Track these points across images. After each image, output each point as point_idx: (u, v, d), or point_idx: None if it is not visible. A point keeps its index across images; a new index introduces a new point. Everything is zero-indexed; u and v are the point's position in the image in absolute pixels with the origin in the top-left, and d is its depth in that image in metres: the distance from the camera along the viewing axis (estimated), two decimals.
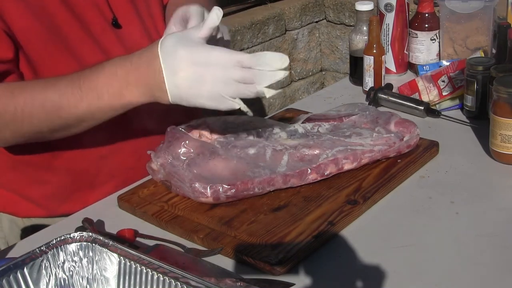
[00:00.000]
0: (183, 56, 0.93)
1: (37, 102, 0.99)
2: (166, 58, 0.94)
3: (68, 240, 0.76)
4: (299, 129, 1.18)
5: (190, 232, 0.98)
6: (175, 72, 0.93)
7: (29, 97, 0.99)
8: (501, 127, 1.12)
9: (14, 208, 1.22)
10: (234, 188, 1.02)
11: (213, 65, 0.92)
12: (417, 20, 1.55)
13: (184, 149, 1.09)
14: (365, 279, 0.87)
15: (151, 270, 0.72)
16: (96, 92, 0.98)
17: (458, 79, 1.38)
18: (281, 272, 0.89)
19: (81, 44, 1.10)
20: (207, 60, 0.92)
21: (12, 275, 0.71)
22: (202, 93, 0.94)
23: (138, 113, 1.18)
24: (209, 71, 0.92)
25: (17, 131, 1.02)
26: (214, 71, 0.92)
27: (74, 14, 1.09)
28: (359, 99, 1.46)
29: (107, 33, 1.13)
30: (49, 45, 1.06)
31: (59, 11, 1.07)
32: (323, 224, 0.97)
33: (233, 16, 2.45)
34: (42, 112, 1.00)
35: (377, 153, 1.12)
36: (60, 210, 1.18)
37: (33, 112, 0.99)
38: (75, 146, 1.15)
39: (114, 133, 1.16)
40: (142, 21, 1.20)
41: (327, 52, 2.74)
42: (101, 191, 1.16)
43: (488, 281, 0.86)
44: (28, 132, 1.03)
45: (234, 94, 0.93)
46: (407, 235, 0.96)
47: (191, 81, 0.93)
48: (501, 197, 1.06)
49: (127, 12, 1.17)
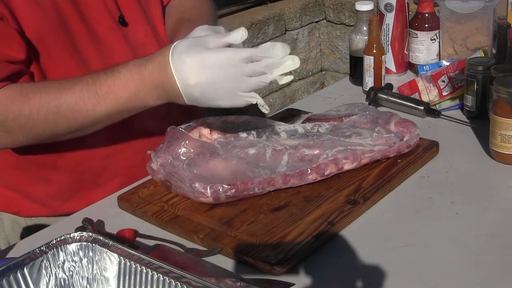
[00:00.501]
0: (192, 63, 0.94)
1: (52, 106, 1.01)
2: (177, 65, 0.95)
3: (68, 240, 0.76)
4: (299, 129, 1.18)
5: (190, 232, 0.98)
6: (187, 79, 0.95)
7: (44, 100, 1.01)
8: (501, 127, 1.12)
9: (16, 208, 1.22)
10: (234, 188, 1.02)
11: (223, 67, 0.94)
12: (417, 20, 1.55)
13: (184, 149, 1.09)
14: (365, 279, 0.87)
15: (151, 270, 0.72)
16: (115, 97, 1.00)
17: (458, 79, 1.38)
18: (281, 272, 0.89)
19: (87, 42, 1.11)
20: (216, 63, 0.94)
21: (12, 275, 0.71)
22: (217, 95, 0.96)
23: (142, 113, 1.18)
24: (220, 72, 0.94)
25: (30, 133, 1.04)
26: (225, 72, 0.94)
27: (81, 12, 1.10)
28: (359, 99, 1.46)
29: (113, 31, 1.14)
30: (57, 43, 1.08)
31: (67, 9, 1.08)
32: (323, 224, 0.97)
33: (233, 16, 2.46)
34: (58, 116, 1.01)
35: (377, 153, 1.12)
36: (63, 209, 1.19)
37: (49, 115, 1.01)
38: (80, 146, 1.15)
39: (118, 132, 1.16)
40: (147, 20, 1.20)
41: (327, 52, 2.74)
42: (105, 190, 1.16)
43: (488, 281, 0.86)
44: (42, 134, 1.04)
45: (249, 88, 0.95)
46: (407, 235, 0.96)
47: (205, 86, 0.95)
48: (501, 197, 1.06)
49: (133, 10, 1.18)
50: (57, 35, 1.07)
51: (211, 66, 0.94)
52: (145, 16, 1.20)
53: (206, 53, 0.94)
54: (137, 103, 1.02)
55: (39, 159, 1.16)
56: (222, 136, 1.14)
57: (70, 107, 1.01)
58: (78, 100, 1.01)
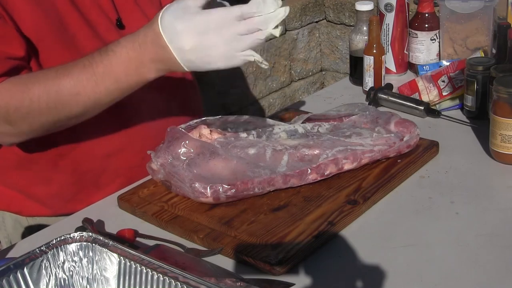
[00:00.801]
0: (184, 30, 0.94)
1: (52, 92, 1.00)
2: (169, 35, 0.95)
3: (68, 240, 0.76)
4: (299, 129, 1.18)
5: (190, 232, 0.98)
6: (182, 47, 0.95)
7: (43, 88, 1.00)
8: (501, 127, 1.12)
9: (18, 207, 1.22)
10: (234, 188, 1.02)
11: (215, 29, 0.93)
12: (417, 20, 1.55)
13: (184, 149, 1.09)
14: (365, 279, 0.87)
15: (151, 270, 0.72)
16: (114, 76, 1.00)
17: (458, 79, 1.38)
18: (281, 272, 0.89)
19: (88, 43, 1.11)
20: (207, 26, 0.93)
21: (12, 275, 0.71)
22: (214, 58, 0.96)
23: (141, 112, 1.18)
24: (213, 35, 0.93)
25: (34, 122, 1.03)
26: (218, 33, 0.93)
27: (81, 14, 1.10)
28: (359, 99, 1.46)
29: (111, 33, 1.14)
30: (57, 44, 1.08)
31: (67, 10, 1.08)
32: (323, 224, 0.97)
33: None
34: (59, 102, 1.01)
35: (377, 153, 1.12)
36: (65, 209, 1.19)
37: (50, 102, 1.01)
38: (80, 146, 1.15)
39: (118, 132, 1.17)
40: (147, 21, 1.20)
41: (327, 52, 2.74)
42: (106, 190, 1.16)
43: (488, 281, 0.86)
44: (47, 122, 1.04)
45: (245, 47, 0.94)
46: (407, 235, 0.96)
47: (200, 51, 0.95)
48: (501, 197, 1.06)
49: (132, 13, 1.18)
50: (57, 34, 1.07)
51: (204, 30, 0.93)
52: (144, 18, 1.20)
53: (197, 17, 0.94)
54: (137, 79, 1.02)
55: (40, 160, 1.16)
56: (222, 136, 1.14)
57: (69, 91, 1.00)
58: (77, 84, 1.00)
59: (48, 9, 1.06)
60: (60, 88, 1.00)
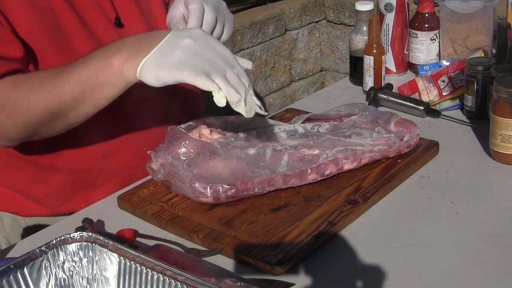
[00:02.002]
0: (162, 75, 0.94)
1: (36, 88, 1.00)
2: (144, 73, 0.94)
3: (68, 240, 0.76)
4: (299, 129, 1.18)
5: (190, 232, 0.98)
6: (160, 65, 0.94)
7: (29, 84, 1.00)
8: (501, 127, 1.12)
9: (16, 207, 1.22)
10: (234, 188, 1.02)
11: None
12: (417, 20, 1.55)
13: (184, 149, 1.09)
14: (365, 279, 0.87)
15: (151, 270, 0.72)
16: (85, 63, 0.98)
17: (458, 79, 1.38)
18: (281, 272, 0.89)
19: (84, 44, 1.10)
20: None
21: (12, 275, 0.71)
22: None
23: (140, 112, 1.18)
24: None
25: (17, 122, 1.01)
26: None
27: (77, 14, 1.09)
28: (359, 99, 1.46)
29: (109, 32, 1.13)
30: (53, 45, 1.07)
31: (63, 10, 1.07)
32: (323, 224, 0.97)
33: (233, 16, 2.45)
34: (39, 97, 0.99)
35: (377, 153, 1.12)
36: (62, 209, 1.19)
37: (31, 98, 0.99)
38: (77, 145, 1.15)
39: (115, 132, 1.16)
40: (145, 20, 1.20)
41: (327, 52, 2.74)
42: (103, 190, 1.16)
43: (488, 281, 0.86)
44: (28, 122, 1.01)
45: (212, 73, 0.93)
46: (407, 235, 0.96)
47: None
48: (501, 197, 1.06)
49: (130, 11, 1.17)
50: (52, 36, 1.06)
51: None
52: (142, 16, 1.20)
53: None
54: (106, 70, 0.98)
55: (37, 160, 1.16)
56: (222, 136, 1.14)
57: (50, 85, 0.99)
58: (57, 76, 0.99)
59: (44, 9, 1.05)
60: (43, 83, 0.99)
